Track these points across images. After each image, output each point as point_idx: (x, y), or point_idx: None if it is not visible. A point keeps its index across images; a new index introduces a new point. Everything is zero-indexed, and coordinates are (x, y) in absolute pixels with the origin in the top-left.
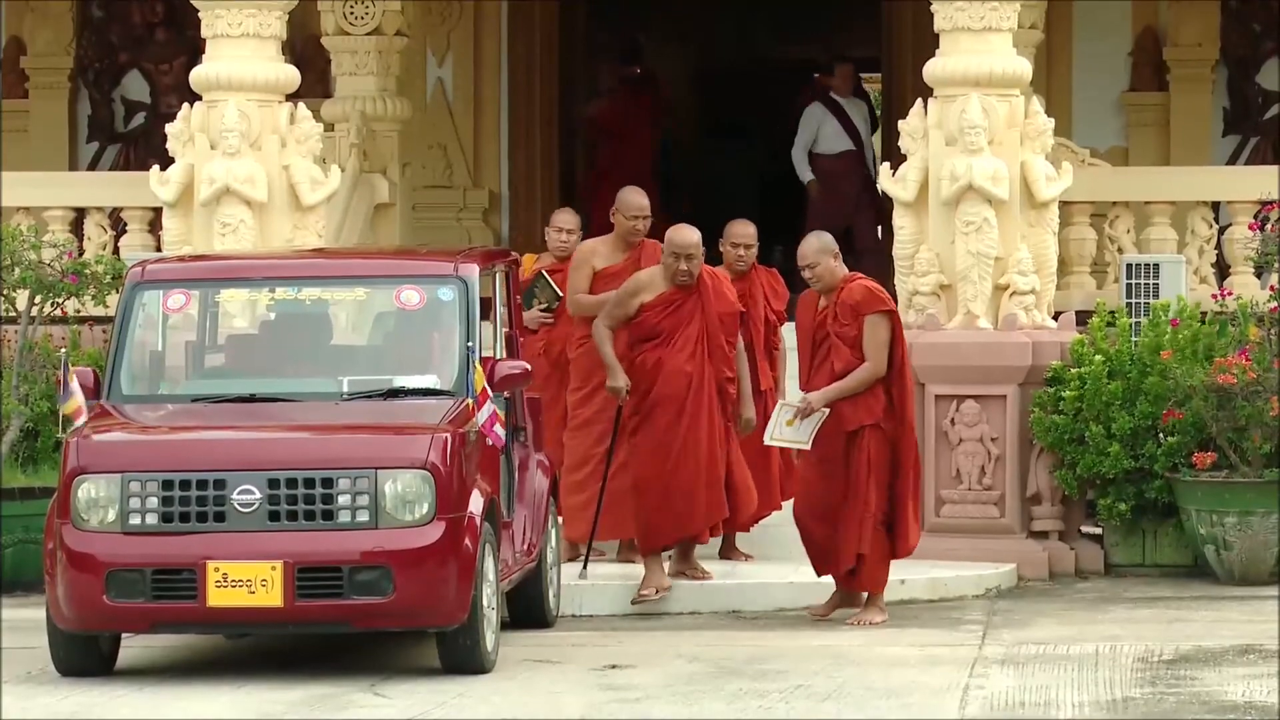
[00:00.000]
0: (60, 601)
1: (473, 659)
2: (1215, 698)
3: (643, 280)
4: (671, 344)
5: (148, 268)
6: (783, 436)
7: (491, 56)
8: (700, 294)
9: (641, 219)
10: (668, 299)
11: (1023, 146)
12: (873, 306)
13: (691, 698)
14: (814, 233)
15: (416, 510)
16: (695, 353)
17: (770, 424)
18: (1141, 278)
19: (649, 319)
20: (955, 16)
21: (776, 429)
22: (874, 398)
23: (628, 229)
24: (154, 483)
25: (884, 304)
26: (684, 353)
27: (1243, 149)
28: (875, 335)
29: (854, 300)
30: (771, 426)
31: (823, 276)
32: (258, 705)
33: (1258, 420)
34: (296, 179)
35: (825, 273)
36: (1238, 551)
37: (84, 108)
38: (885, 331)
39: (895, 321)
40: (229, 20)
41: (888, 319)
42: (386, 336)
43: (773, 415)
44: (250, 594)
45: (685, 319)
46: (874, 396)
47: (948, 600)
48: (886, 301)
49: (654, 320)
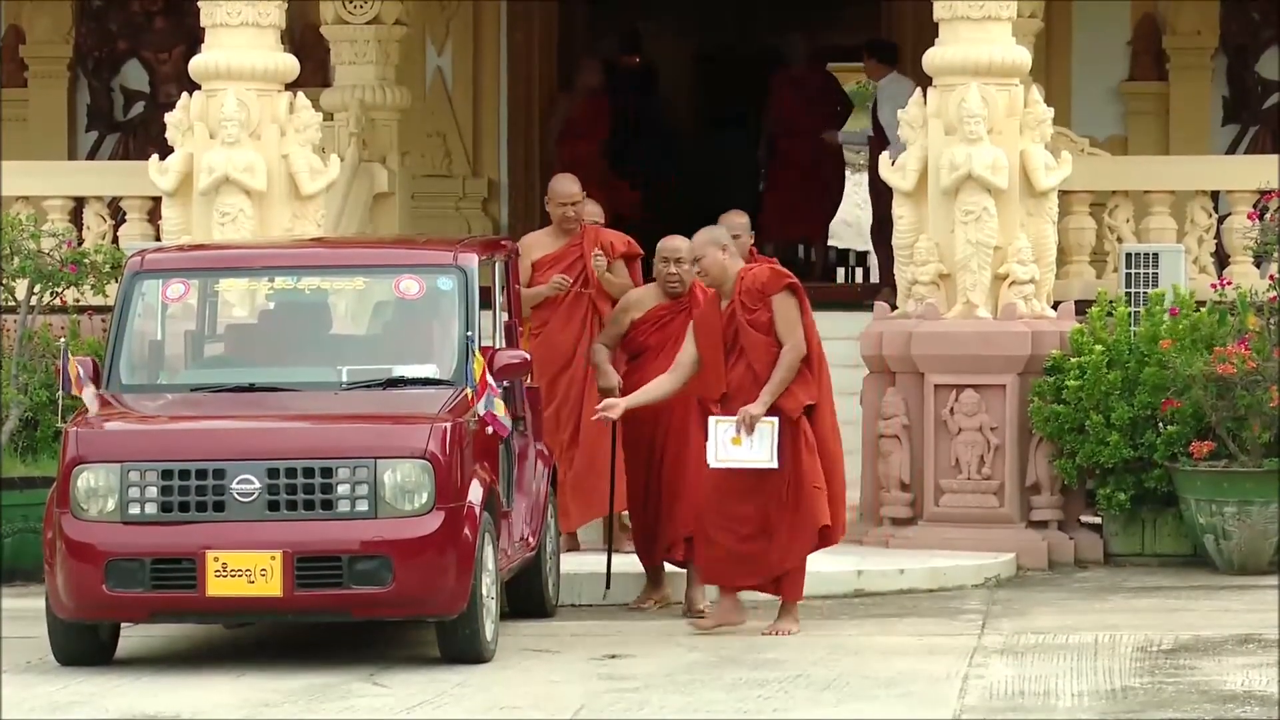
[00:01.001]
0: (60, 591)
1: (472, 648)
2: (1214, 687)
3: (633, 298)
4: (659, 359)
5: (147, 257)
6: (733, 457)
7: (491, 45)
8: (691, 309)
9: (571, 205)
10: (656, 315)
11: (1022, 136)
12: (778, 284)
13: (691, 687)
14: (707, 226)
15: (416, 500)
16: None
17: (710, 445)
18: (1141, 267)
19: (638, 335)
20: (955, 5)
21: (721, 449)
22: (804, 379)
23: (559, 215)
24: (153, 472)
25: (787, 279)
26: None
27: (1242, 138)
28: (786, 313)
29: (759, 283)
30: (714, 448)
31: (710, 270)
32: (257, 695)
33: (1257, 410)
34: (296, 168)
35: (712, 265)
36: (1237, 541)
37: (83, 96)
38: (794, 308)
39: (801, 297)
40: (228, 9)
41: (794, 294)
42: (386, 326)
43: (710, 435)
44: (250, 583)
45: (674, 335)
46: (804, 377)
47: (947, 590)
48: (789, 277)
49: (643, 337)
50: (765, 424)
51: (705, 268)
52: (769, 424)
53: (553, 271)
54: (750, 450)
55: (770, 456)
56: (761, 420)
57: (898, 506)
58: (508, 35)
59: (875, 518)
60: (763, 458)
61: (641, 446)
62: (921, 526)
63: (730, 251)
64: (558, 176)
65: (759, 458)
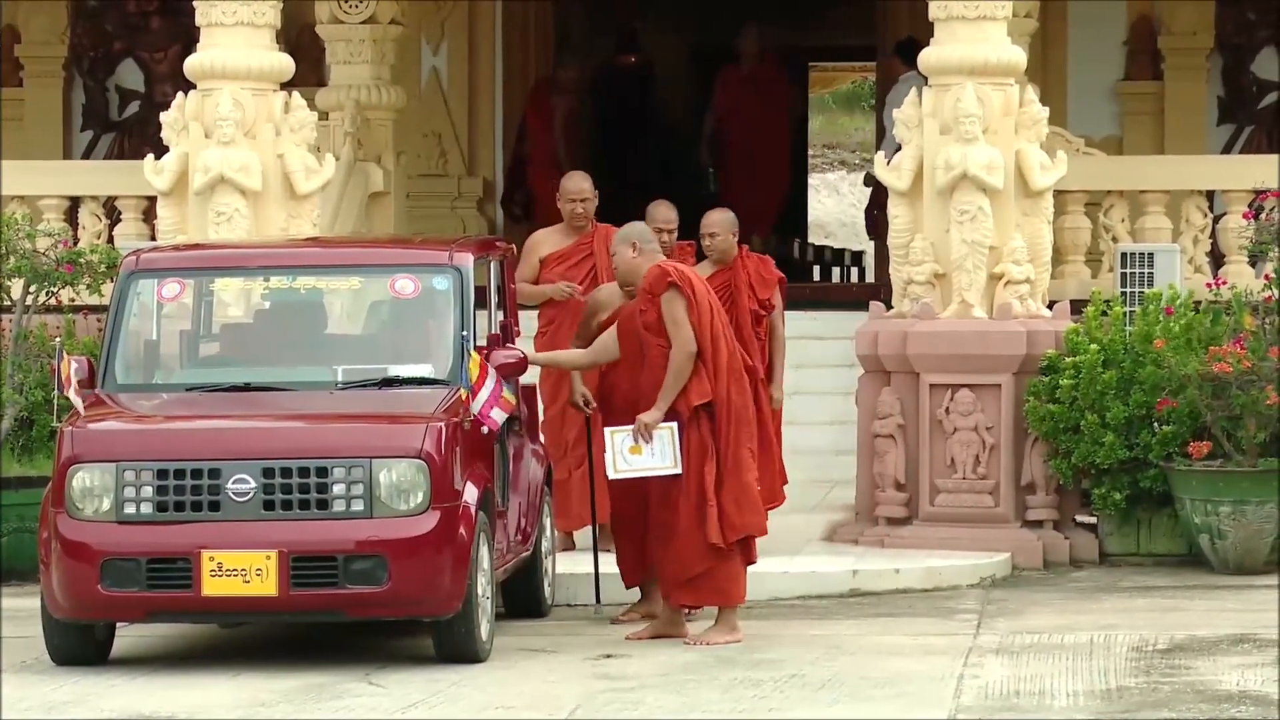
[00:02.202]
0: (55, 590)
1: (468, 648)
2: (1210, 687)
3: (600, 299)
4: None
5: (142, 256)
6: (633, 466)
7: (486, 44)
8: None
9: (580, 201)
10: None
11: (1017, 135)
12: (661, 284)
13: (686, 687)
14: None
15: (411, 499)
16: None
17: (609, 455)
18: (1136, 267)
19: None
20: (950, 5)
21: (620, 459)
22: (699, 376)
23: (569, 211)
24: (149, 472)
25: (670, 278)
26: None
27: (1237, 138)
28: (671, 312)
29: (647, 284)
30: (612, 458)
31: (618, 267)
32: (252, 694)
33: (1252, 409)
34: (291, 168)
35: (620, 262)
36: (1232, 541)
37: (78, 96)
38: (680, 308)
39: (688, 294)
40: (223, 9)
41: (679, 293)
42: (381, 326)
43: (607, 445)
44: (245, 583)
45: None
46: (698, 375)
47: (942, 589)
48: (672, 275)
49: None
50: (664, 429)
51: (615, 265)
52: (668, 429)
53: (560, 268)
54: (651, 458)
55: (674, 463)
56: (660, 426)
57: (893, 506)
58: (503, 34)
59: (871, 517)
60: (666, 464)
61: None
62: (917, 526)
63: (641, 250)
64: (568, 174)
65: (662, 464)
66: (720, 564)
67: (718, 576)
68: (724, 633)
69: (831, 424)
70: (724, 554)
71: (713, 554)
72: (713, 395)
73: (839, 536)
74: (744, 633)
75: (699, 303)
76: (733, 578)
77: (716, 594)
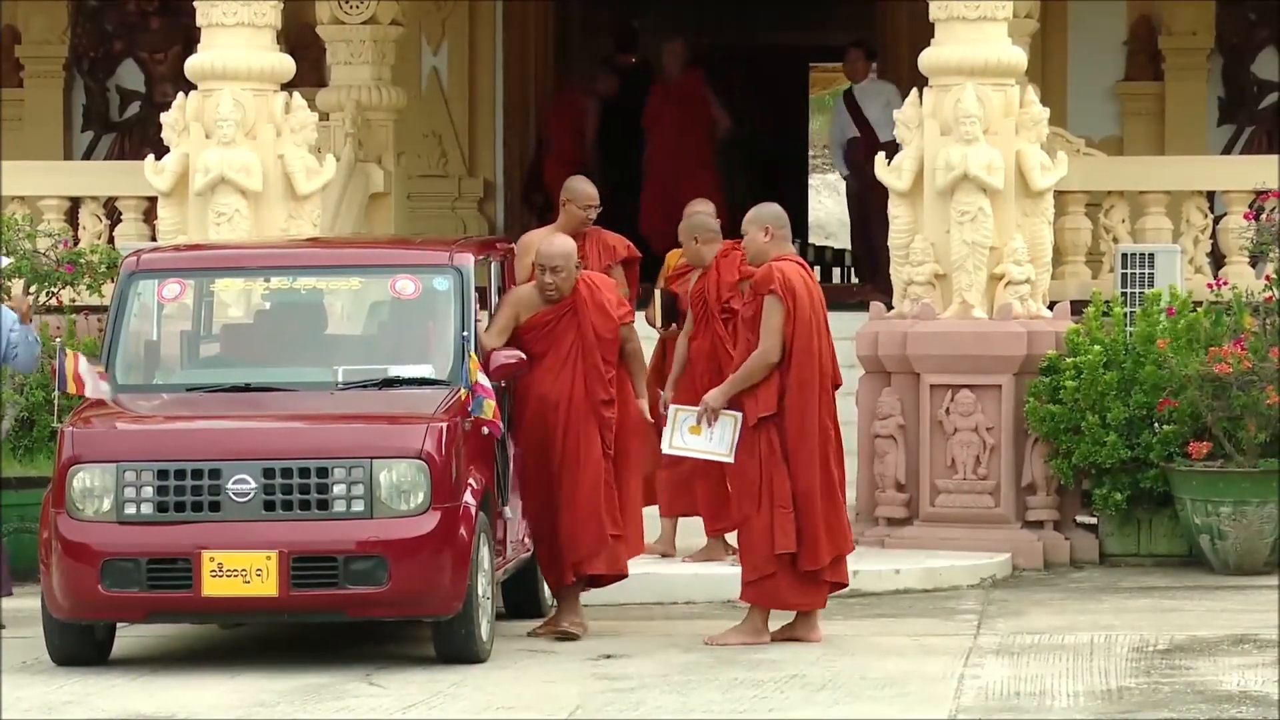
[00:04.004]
0: (55, 591)
1: (468, 648)
2: (1210, 687)
3: (520, 297)
4: (541, 365)
5: (143, 257)
6: (689, 445)
7: (486, 45)
8: (576, 312)
9: (593, 208)
10: (543, 319)
11: (1018, 136)
12: (766, 285)
13: (686, 687)
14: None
15: (411, 500)
16: (563, 375)
17: (668, 430)
18: (1137, 267)
19: (526, 341)
20: (951, 6)
21: (677, 435)
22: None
23: (580, 219)
24: (149, 472)
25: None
26: (551, 374)
27: (1238, 138)
28: (768, 317)
29: (757, 279)
30: (670, 433)
31: (749, 249)
32: (253, 694)
33: (1253, 410)
34: (291, 168)
35: (751, 244)
36: (1232, 541)
37: (79, 96)
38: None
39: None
40: (224, 9)
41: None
42: (382, 326)
43: (669, 420)
44: (245, 583)
45: (559, 338)
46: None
47: (942, 590)
48: (776, 282)
49: (530, 342)
50: (729, 416)
51: (744, 246)
52: (732, 417)
53: None
54: (709, 441)
55: (729, 450)
56: (725, 413)
57: (893, 507)
58: (503, 34)
59: (871, 518)
60: (722, 450)
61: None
62: (917, 527)
63: (773, 235)
64: (577, 178)
65: (719, 450)
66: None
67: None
68: (745, 634)
69: None
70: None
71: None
72: (789, 410)
73: None
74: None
75: (798, 313)
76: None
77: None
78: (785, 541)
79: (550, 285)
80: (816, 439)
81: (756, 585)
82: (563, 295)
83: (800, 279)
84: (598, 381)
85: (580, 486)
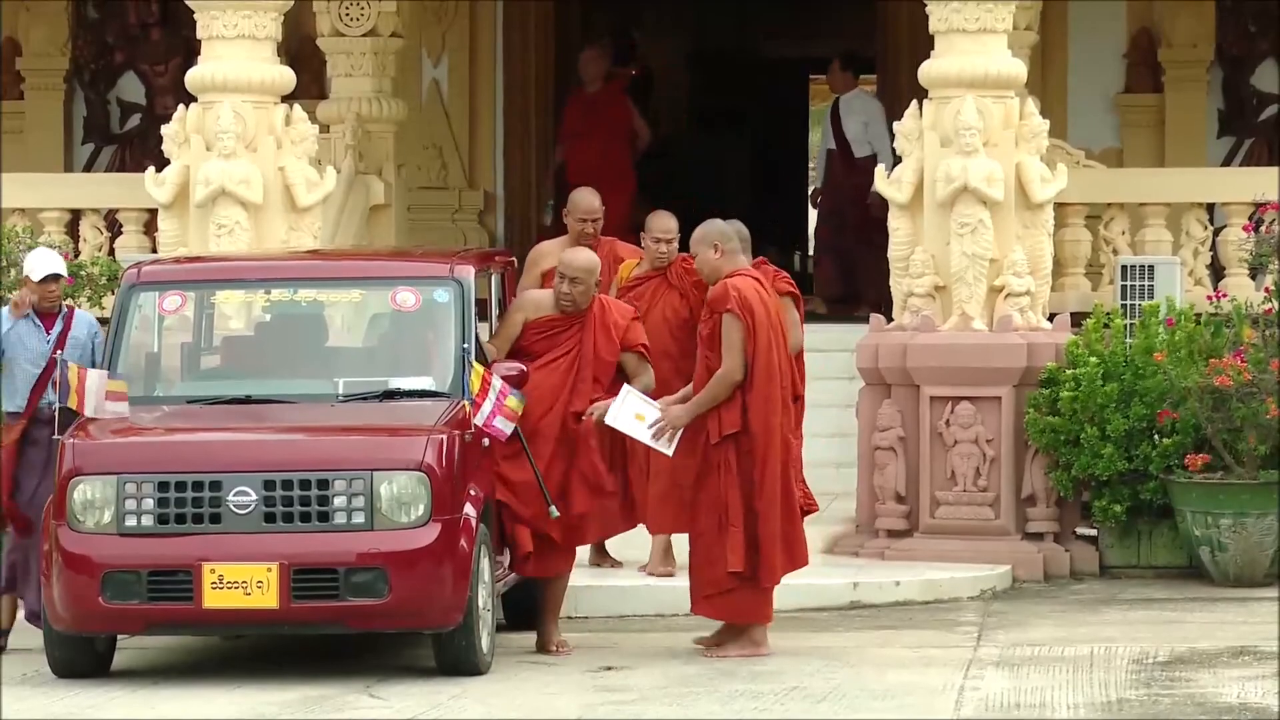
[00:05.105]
0: (56, 603)
1: (468, 660)
2: (1210, 699)
3: (528, 299)
4: (533, 365)
5: (143, 269)
6: (628, 428)
7: (486, 57)
8: (583, 327)
9: (591, 221)
10: (549, 322)
11: (1018, 148)
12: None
13: (686, 699)
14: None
15: (412, 512)
16: (551, 378)
17: (617, 402)
18: (1136, 279)
19: (527, 338)
20: (951, 18)
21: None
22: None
23: (578, 231)
24: (150, 484)
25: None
26: (540, 374)
27: (1237, 150)
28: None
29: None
30: (618, 409)
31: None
32: (253, 706)
33: (1253, 421)
34: (292, 180)
35: (704, 264)
36: (1233, 553)
37: (79, 108)
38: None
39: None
40: (224, 22)
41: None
42: (382, 338)
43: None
44: (246, 595)
45: (561, 346)
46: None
47: (943, 602)
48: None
49: (530, 341)
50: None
51: (697, 266)
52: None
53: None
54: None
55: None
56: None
57: (894, 518)
58: (503, 46)
59: (871, 530)
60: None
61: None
62: (917, 538)
63: (723, 251)
64: (579, 189)
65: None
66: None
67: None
68: (744, 646)
69: (832, 437)
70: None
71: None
72: (752, 426)
73: (839, 549)
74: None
75: (757, 330)
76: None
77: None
78: (735, 560)
79: (567, 295)
80: (779, 455)
81: (709, 600)
82: (577, 309)
83: (756, 294)
84: (582, 397)
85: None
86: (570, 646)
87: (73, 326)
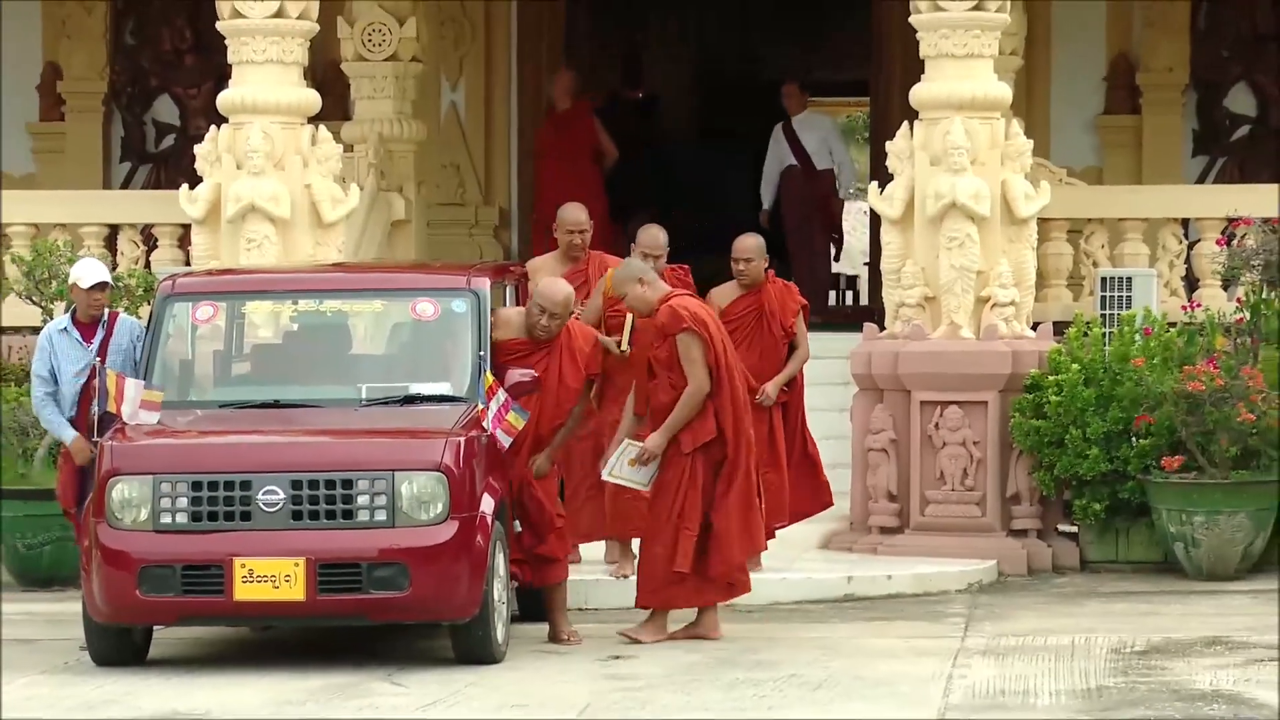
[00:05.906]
0: (95, 595)
1: (484, 650)
2: (1184, 686)
3: (500, 318)
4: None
5: (178, 281)
6: (624, 476)
7: (502, 80)
8: (550, 353)
9: (578, 233)
10: (519, 344)
11: (1003, 166)
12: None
13: (690, 687)
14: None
15: (431, 510)
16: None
17: (614, 459)
18: (1115, 290)
19: (500, 356)
20: (940, 44)
21: (618, 466)
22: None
23: (566, 243)
24: (184, 484)
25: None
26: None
27: (1211, 169)
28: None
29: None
30: (615, 462)
31: (632, 304)
32: (282, 693)
33: (1225, 425)
34: (318, 197)
35: (633, 300)
36: (1205, 549)
37: (117, 129)
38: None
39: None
40: (254, 47)
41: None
42: (403, 346)
43: (618, 450)
44: (274, 589)
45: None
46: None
47: (932, 595)
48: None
49: (501, 359)
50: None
51: (627, 304)
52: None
53: None
54: (637, 474)
55: (646, 482)
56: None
57: (886, 516)
58: (518, 71)
59: (864, 527)
60: (643, 483)
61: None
62: (908, 535)
63: (647, 283)
64: (566, 204)
65: (642, 482)
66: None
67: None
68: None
69: (827, 439)
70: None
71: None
72: (725, 430)
73: (834, 545)
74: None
75: (714, 343)
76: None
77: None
78: (683, 561)
79: (545, 328)
80: (746, 455)
81: (652, 594)
82: (551, 338)
83: (701, 308)
84: (548, 422)
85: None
86: (580, 637)
87: (114, 334)
